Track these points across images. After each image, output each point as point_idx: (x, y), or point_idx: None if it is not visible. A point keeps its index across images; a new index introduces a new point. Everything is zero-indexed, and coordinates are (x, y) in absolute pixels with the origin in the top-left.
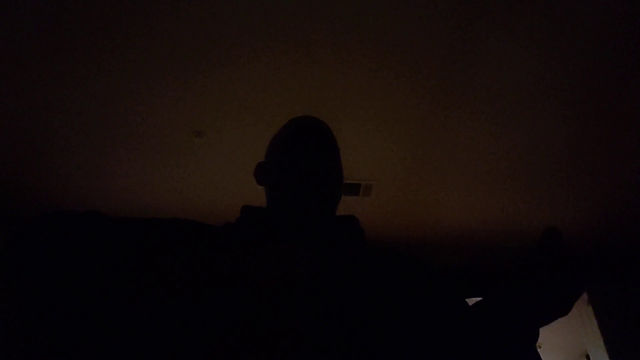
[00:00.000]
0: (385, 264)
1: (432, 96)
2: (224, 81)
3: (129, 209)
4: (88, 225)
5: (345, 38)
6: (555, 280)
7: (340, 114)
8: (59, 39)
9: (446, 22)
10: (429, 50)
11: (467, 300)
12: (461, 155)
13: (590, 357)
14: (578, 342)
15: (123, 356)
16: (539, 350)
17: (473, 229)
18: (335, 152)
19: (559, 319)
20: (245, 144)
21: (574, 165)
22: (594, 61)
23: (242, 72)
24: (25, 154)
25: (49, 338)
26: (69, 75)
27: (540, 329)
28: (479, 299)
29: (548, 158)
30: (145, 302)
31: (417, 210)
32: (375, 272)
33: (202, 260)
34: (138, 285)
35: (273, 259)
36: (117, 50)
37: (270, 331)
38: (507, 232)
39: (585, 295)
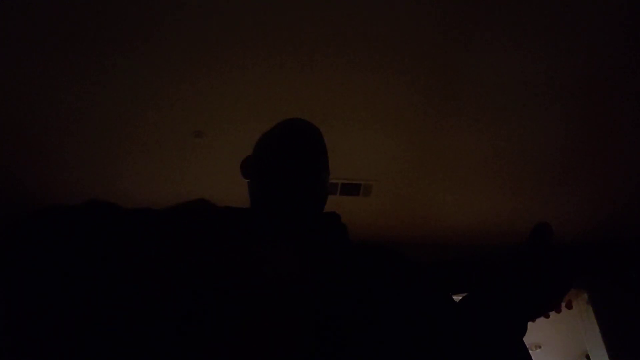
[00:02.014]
0: (370, 259)
1: (432, 97)
2: (224, 81)
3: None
4: (84, 221)
5: (345, 40)
6: (544, 275)
7: (341, 115)
8: (61, 40)
9: (445, 25)
10: (428, 51)
11: (456, 295)
12: (461, 155)
13: (590, 357)
14: (578, 342)
15: (122, 354)
16: (538, 350)
17: (473, 229)
18: (323, 156)
19: (558, 318)
20: (245, 144)
21: (572, 165)
22: (591, 61)
23: (243, 73)
24: (25, 154)
25: (47, 334)
26: (69, 76)
27: (540, 329)
28: (467, 293)
29: (547, 158)
30: (141, 297)
31: (416, 210)
32: (361, 267)
33: (197, 260)
34: (137, 281)
35: (263, 257)
36: (118, 52)
37: (264, 326)
38: (506, 232)
39: (585, 295)
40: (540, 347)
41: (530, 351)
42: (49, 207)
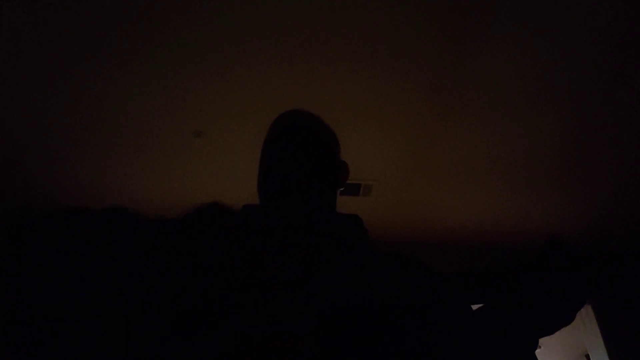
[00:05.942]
0: (388, 265)
1: (432, 97)
2: (224, 81)
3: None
4: (93, 225)
5: (345, 41)
6: (558, 290)
7: (341, 115)
8: (62, 40)
9: (445, 25)
10: (428, 52)
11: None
12: (461, 155)
13: (590, 357)
14: (578, 342)
15: (122, 354)
16: (538, 350)
17: (473, 229)
18: (314, 148)
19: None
20: (245, 144)
21: (572, 165)
22: (591, 62)
23: (243, 73)
24: (26, 154)
25: (51, 339)
26: (70, 75)
27: None
28: (482, 304)
29: (546, 158)
30: (146, 303)
31: (417, 210)
32: (377, 272)
33: (201, 263)
34: (141, 286)
35: (267, 259)
36: (119, 52)
37: (266, 331)
38: (507, 232)
39: None
40: (540, 347)
41: None
42: (60, 210)
